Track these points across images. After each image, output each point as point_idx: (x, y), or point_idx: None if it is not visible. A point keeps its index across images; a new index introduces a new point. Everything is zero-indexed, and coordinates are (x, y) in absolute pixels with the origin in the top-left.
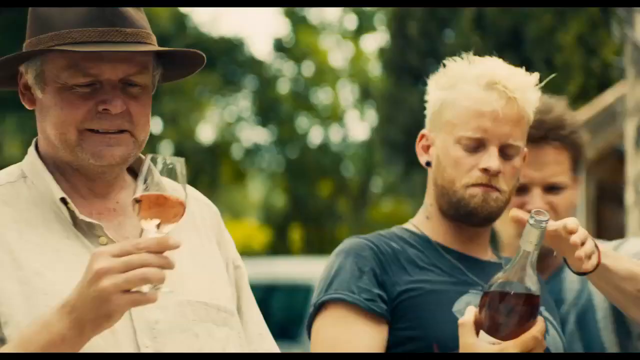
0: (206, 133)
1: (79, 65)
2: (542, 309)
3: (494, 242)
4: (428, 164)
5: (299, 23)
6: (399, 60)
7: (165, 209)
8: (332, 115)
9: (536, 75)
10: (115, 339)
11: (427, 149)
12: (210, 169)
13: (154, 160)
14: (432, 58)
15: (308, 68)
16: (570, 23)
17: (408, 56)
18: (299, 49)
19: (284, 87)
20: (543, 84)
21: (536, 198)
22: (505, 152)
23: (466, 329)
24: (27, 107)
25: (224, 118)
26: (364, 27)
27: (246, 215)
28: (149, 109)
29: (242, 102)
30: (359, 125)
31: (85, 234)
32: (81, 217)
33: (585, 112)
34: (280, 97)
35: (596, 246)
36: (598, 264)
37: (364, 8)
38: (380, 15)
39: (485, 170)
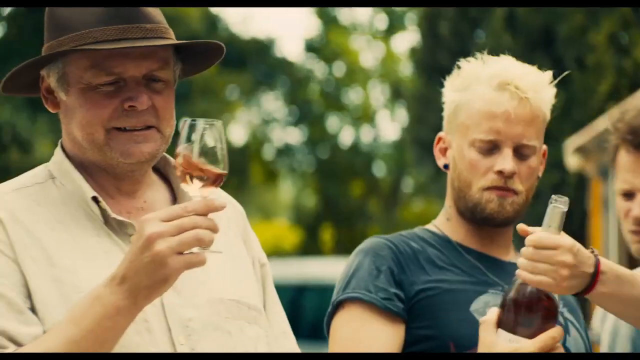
0: (237, 134)
1: (102, 64)
2: (564, 309)
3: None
4: (446, 166)
5: (330, 24)
6: (429, 60)
7: (208, 172)
8: (363, 116)
9: (549, 74)
10: (152, 337)
11: (444, 151)
12: (241, 170)
13: (193, 123)
14: (463, 58)
15: (339, 68)
16: (602, 22)
17: (439, 56)
18: (330, 49)
19: (315, 88)
20: (556, 81)
21: (638, 206)
22: (520, 153)
23: (487, 327)
24: (51, 110)
25: (255, 119)
26: (394, 27)
27: (277, 216)
28: (173, 103)
29: (274, 103)
30: (390, 125)
31: (116, 232)
32: (113, 215)
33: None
34: (311, 98)
35: (596, 272)
36: (590, 289)
37: (394, 8)
38: (411, 15)
39: (499, 173)
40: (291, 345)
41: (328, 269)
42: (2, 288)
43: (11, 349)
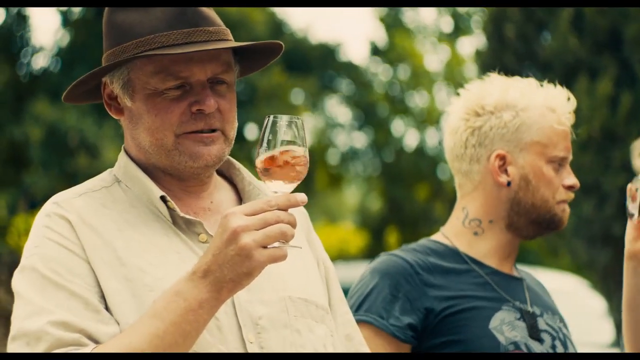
0: None
1: (168, 69)
2: (561, 325)
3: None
4: (509, 183)
5: (394, 27)
6: (495, 62)
7: (291, 167)
8: (427, 119)
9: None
10: (222, 335)
11: (501, 168)
12: (307, 174)
13: (275, 120)
14: (529, 60)
15: (404, 71)
16: None
17: (504, 59)
18: (395, 52)
19: (379, 91)
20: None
21: None
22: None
23: None
24: (114, 116)
25: (319, 123)
26: (460, 29)
27: (342, 219)
28: (235, 105)
29: (338, 107)
30: None
31: (184, 232)
32: (182, 214)
33: None
34: (376, 101)
35: None
36: None
37: (459, 11)
38: (476, 18)
39: (570, 187)
40: (357, 346)
41: None
42: (78, 288)
43: (91, 347)
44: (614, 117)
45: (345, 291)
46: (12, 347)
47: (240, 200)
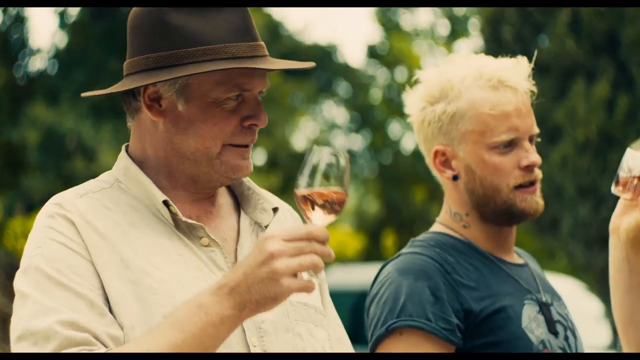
0: (300, 141)
1: (234, 80)
2: (567, 311)
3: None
4: (455, 177)
5: (391, 29)
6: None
7: (330, 203)
8: None
9: (525, 60)
10: (227, 338)
11: (445, 163)
12: None
13: (318, 151)
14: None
15: (401, 74)
16: None
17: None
18: (392, 55)
19: (376, 94)
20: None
21: None
22: (532, 142)
23: None
24: (153, 118)
25: (317, 125)
26: (457, 32)
27: (339, 222)
28: None
29: (335, 109)
30: None
31: (187, 235)
32: (184, 219)
33: None
34: (373, 104)
35: None
36: None
37: (456, 14)
38: (474, 20)
39: (528, 167)
40: (347, 350)
41: None
42: (83, 289)
43: (101, 348)
44: (611, 119)
45: (341, 294)
46: (18, 347)
47: (238, 204)
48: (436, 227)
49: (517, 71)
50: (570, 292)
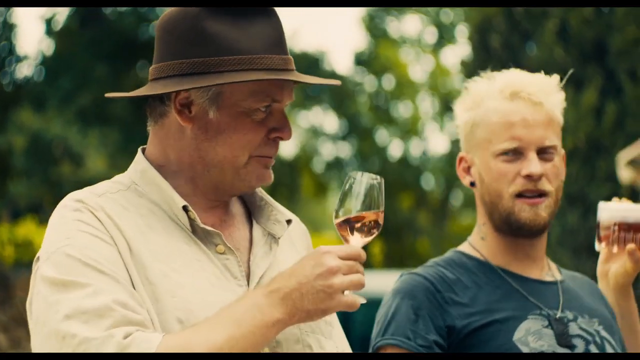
0: (287, 147)
1: (267, 91)
2: (599, 328)
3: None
4: (472, 184)
5: (379, 37)
6: (480, 72)
7: (367, 228)
8: (412, 129)
9: (557, 78)
10: None
11: (467, 170)
12: (291, 183)
13: (357, 178)
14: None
15: (388, 81)
16: None
17: (490, 69)
18: (379, 62)
19: (364, 101)
20: (564, 82)
21: None
22: (544, 155)
23: None
24: (183, 123)
25: (304, 132)
26: (444, 40)
27: (326, 229)
28: None
29: (323, 116)
30: (439, 139)
31: (203, 242)
32: (202, 225)
33: None
34: (360, 111)
35: None
36: None
37: (443, 21)
38: (461, 28)
39: (528, 176)
40: None
41: (377, 282)
42: (121, 278)
43: (153, 331)
44: (599, 127)
45: None
46: (64, 327)
47: (249, 213)
48: (462, 246)
49: (541, 85)
50: None
